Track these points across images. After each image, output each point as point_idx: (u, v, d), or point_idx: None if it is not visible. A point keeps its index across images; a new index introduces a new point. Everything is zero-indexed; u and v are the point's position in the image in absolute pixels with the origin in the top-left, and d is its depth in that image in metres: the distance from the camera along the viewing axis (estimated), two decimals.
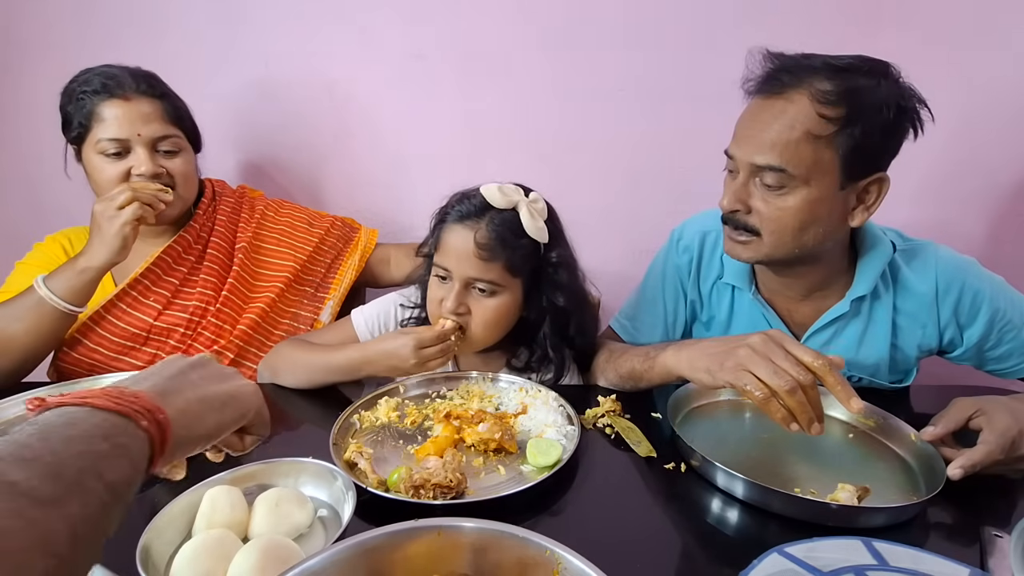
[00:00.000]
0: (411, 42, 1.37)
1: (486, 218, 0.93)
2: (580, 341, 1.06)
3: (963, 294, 0.93)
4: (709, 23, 1.33)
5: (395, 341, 0.94)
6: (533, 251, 0.97)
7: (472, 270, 0.94)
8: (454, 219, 0.95)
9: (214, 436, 0.48)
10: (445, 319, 0.95)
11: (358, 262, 1.28)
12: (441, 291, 0.97)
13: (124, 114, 1.02)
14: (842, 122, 0.79)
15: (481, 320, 0.96)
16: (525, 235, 0.95)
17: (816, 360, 0.71)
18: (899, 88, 0.82)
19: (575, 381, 1.09)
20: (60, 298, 0.95)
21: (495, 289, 0.95)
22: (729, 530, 0.70)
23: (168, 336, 1.10)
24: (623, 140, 1.42)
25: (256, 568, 0.54)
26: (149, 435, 0.40)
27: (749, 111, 0.87)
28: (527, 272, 0.98)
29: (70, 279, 0.96)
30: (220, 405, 0.49)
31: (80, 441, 0.36)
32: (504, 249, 0.93)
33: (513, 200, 0.94)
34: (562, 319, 1.02)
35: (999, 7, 1.26)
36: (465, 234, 0.93)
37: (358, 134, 1.45)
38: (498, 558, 0.49)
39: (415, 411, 0.89)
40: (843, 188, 0.84)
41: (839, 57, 0.82)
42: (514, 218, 0.94)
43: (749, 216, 0.87)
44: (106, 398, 0.39)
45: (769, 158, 0.82)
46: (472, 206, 0.95)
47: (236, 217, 1.21)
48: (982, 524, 0.67)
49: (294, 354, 1.03)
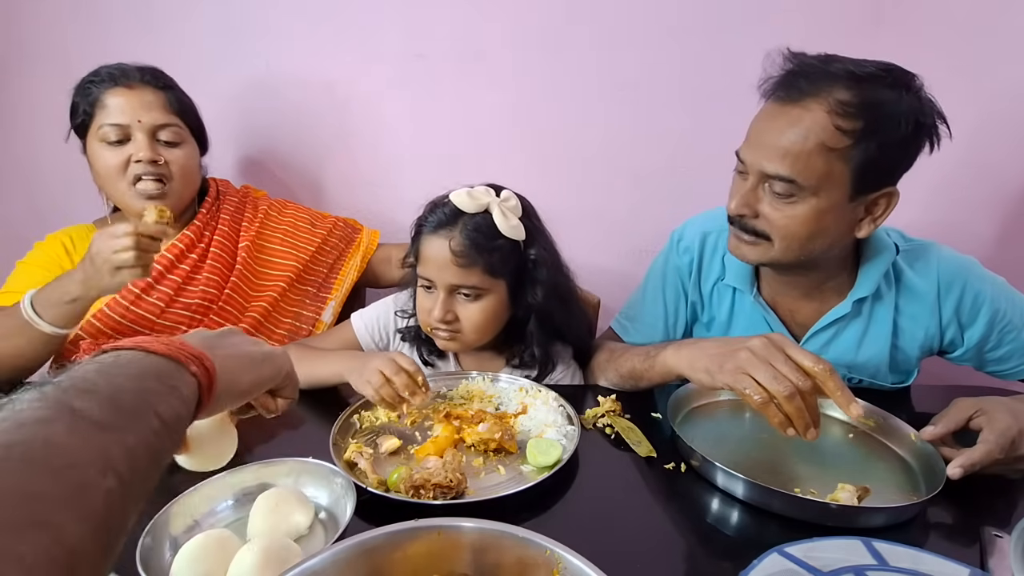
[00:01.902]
0: (411, 42, 1.37)
1: (459, 225, 0.93)
2: (570, 337, 1.06)
3: (964, 294, 0.92)
4: (710, 23, 1.32)
5: (372, 361, 0.88)
6: (512, 250, 0.96)
7: (453, 277, 0.94)
8: (429, 229, 0.95)
9: (251, 392, 0.52)
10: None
11: (360, 263, 1.29)
12: (428, 300, 0.98)
13: (126, 101, 1.03)
14: (858, 136, 0.77)
15: (470, 324, 0.97)
16: (501, 235, 0.94)
17: (817, 365, 0.70)
18: (920, 103, 0.79)
19: (577, 380, 1.09)
20: (49, 323, 0.92)
21: (479, 293, 0.96)
22: (729, 530, 0.70)
23: (170, 334, 1.09)
24: (623, 140, 1.42)
25: (256, 568, 0.54)
26: (197, 380, 0.43)
27: (764, 115, 0.85)
28: (509, 271, 0.97)
29: (58, 305, 0.92)
30: (257, 363, 0.52)
31: (136, 378, 0.39)
32: (480, 254, 0.92)
33: (483, 203, 0.94)
34: (545, 315, 1.01)
35: (1007, 7, 1.26)
36: (440, 244, 0.93)
37: (358, 134, 1.45)
38: (498, 558, 0.49)
39: (415, 411, 0.89)
40: (852, 200, 0.82)
41: (862, 64, 0.79)
42: (487, 220, 0.94)
43: (757, 220, 0.86)
44: (159, 343, 0.42)
45: (779, 168, 0.80)
46: (444, 214, 0.94)
47: (240, 216, 1.21)
48: (982, 524, 0.67)
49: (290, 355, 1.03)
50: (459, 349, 1.03)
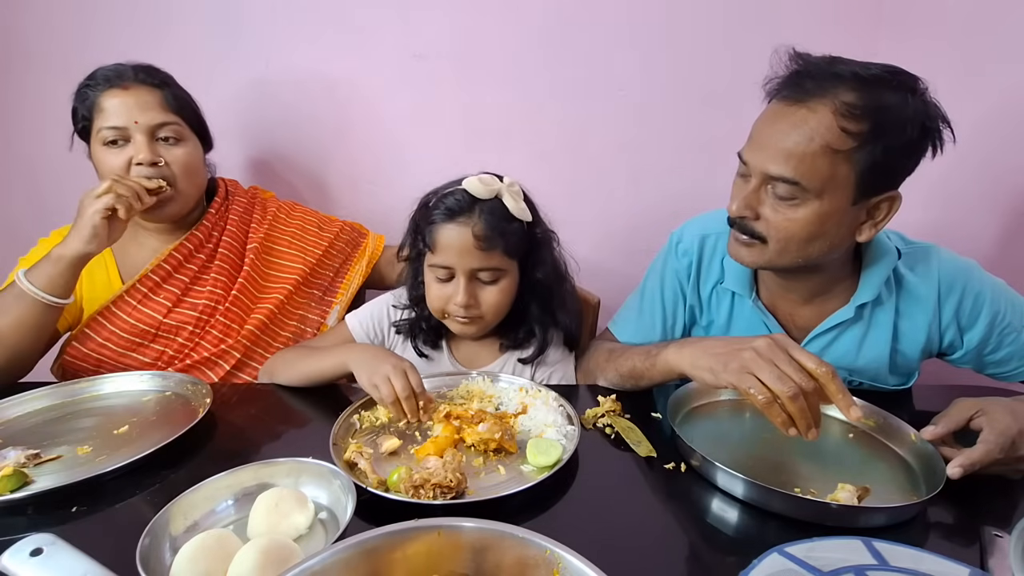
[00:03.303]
0: (411, 42, 1.37)
1: (475, 211, 0.96)
2: (562, 317, 1.09)
3: (964, 296, 0.92)
4: (710, 24, 1.33)
5: (383, 366, 0.89)
6: (522, 232, 1.00)
7: (475, 262, 0.97)
8: (444, 218, 0.97)
9: None
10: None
11: (365, 267, 1.29)
12: (446, 288, 1.00)
13: (122, 103, 1.03)
14: (864, 138, 0.77)
15: (490, 307, 1.01)
16: (512, 218, 0.98)
17: (819, 367, 0.70)
18: (925, 106, 0.79)
19: (569, 367, 1.11)
20: (39, 289, 0.93)
21: (498, 275, 1.00)
22: (729, 530, 0.70)
23: (176, 334, 1.10)
24: (623, 140, 1.42)
25: (256, 568, 0.54)
26: None
27: (768, 116, 0.84)
28: (521, 252, 1.02)
29: (46, 268, 0.94)
30: None
31: None
32: (500, 236, 0.96)
33: (495, 189, 0.97)
34: (546, 293, 1.06)
35: (1007, 7, 1.26)
36: (461, 230, 0.96)
37: (358, 134, 1.45)
38: (498, 558, 0.49)
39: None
40: (855, 204, 0.82)
41: (868, 66, 0.78)
42: (500, 205, 0.97)
43: (757, 222, 0.86)
44: None
45: (783, 169, 0.80)
46: (458, 202, 0.97)
47: (248, 217, 1.21)
48: (982, 524, 0.67)
49: (287, 356, 1.06)
50: (475, 333, 1.06)
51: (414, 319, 1.10)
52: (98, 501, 0.70)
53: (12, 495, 0.69)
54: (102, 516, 0.68)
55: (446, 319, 1.04)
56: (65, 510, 0.68)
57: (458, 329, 1.04)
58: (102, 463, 0.76)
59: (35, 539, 0.49)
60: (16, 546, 0.49)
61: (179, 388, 0.96)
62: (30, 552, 0.48)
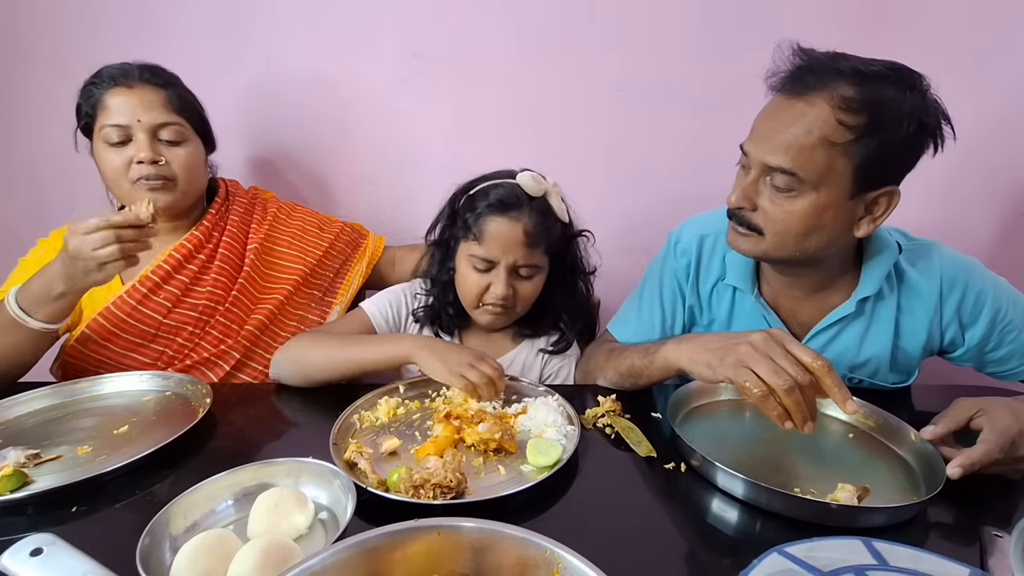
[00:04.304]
0: (411, 42, 1.37)
1: (526, 208, 0.98)
2: (586, 311, 1.14)
3: (966, 294, 0.92)
4: (710, 24, 1.32)
5: (462, 355, 0.92)
6: (561, 231, 1.03)
7: (520, 257, 0.99)
8: (496, 210, 0.98)
9: None
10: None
11: (365, 268, 1.30)
12: (485, 278, 1.02)
13: (126, 101, 1.03)
14: (861, 131, 0.78)
15: (523, 300, 1.05)
16: (556, 217, 1.01)
17: (815, 361, 0.71)
18: (924, 103, 0.79)
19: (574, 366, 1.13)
20: (40, 321, 0.93)
21: (535, 271, 1.02)
22: (729, 530, 0.70)
23: (176, 334, 1.10)
24: (623, 140, 1.42)
25: (256, 568, 0.54)
26: None
27: (769, 109, 0.86)
28: (555, 250, 1.04)
29: (49, 304, 0.92)
30: None
31: None
32: (546, 235, 0.99)
33: (543, 188, 1.00)
34: (573, 289, 1.10)
35: (1007, 5, 1.26)
36: (512, 224, 0.98)
37: (358, 134, 1.45)
38: (498, 558, 0.49)
39: (417, 406, 0.91)
40: (852, 198, 0.82)
41: (869, 62, 0.79)
42: (546, 203, 1.00)
43: (754, 214, 0.86)
44: None
45: (781, 160, 0.81)
46: (510, 196, 0.99)
47: (249, 217, 1.21)
48: (982, 524, 0.67)
49: (311, 341, 1.00)
50: (503, 324, 1.09)
51: (435, 305, 1.10)
52: (98, 501, 0.70)
53: (12, 495, 0.69)
54: (102, 516, 0.68)
55: (477, 308, 1.05)
56: (65, 510, 0.68)
57: (487, 320, 1.06)
58: (102, 463, 0.76)
59: (35, 539, 0.49)
60: (16, 546, 0.49)
61: (179, 388, 0.96)
62: (30, 552, 0.48)
